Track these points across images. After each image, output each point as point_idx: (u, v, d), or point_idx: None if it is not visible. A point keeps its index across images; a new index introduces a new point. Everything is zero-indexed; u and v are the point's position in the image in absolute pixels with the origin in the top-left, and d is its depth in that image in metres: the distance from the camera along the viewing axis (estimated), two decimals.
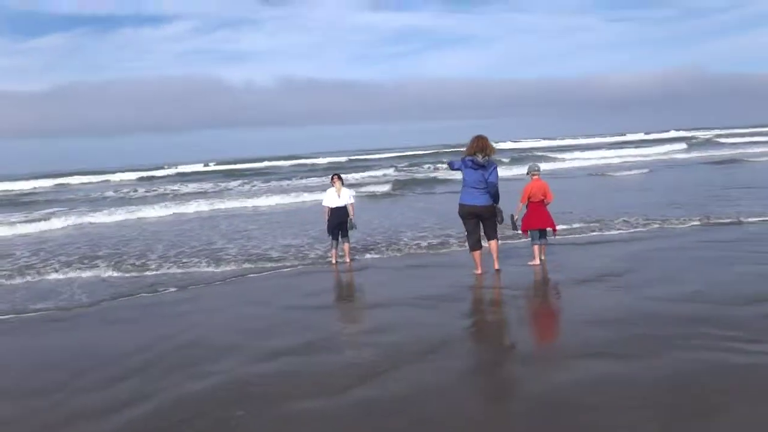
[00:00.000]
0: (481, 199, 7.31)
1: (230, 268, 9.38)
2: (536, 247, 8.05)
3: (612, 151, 39.31)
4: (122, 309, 7.40)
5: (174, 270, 9.44)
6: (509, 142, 65.77)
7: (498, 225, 7.66)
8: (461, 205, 7.46)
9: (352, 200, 9.24)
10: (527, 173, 8.27)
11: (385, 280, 8.15)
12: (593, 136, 79.46)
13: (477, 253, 7.60)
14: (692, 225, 10.33)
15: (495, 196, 7.45)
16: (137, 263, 10.03)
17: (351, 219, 9.03)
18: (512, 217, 8.09)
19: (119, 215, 17.81)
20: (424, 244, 10.27)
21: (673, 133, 66.16)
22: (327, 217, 9.12)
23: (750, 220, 10.43)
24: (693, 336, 4.90)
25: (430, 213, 14.79)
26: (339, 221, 9.03)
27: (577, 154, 38.56)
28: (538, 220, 8.01)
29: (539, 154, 41.19)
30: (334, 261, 9.10)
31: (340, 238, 9.16)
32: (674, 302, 5.94)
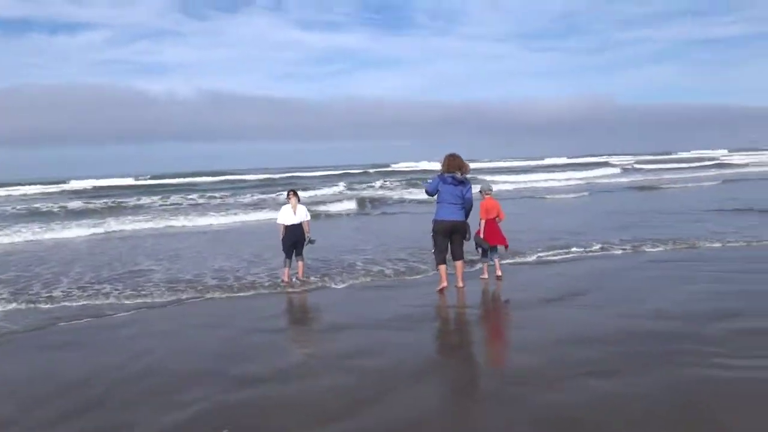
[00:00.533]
0: (458, 215, 7.47)
1: (167, 295, 8.39)
2: (485, 265, 8.43)
3: (544, 174, 40.59)
4: (58, 334, 6.65)
5: (93, 299, 8.21)
6: (437, 163, 67.13)
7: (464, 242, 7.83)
8: (440, 221, 7.49)
9: (308, 217, 9.04)
10: (480, 192, 8.49)
11: (344, 300, 7.85)
12: (516, 159, 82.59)
13: (444, 267, 7.64)
14: (633, 245, 10.76)
15: (467, 213, 7.65)
16: (53, 291, 8.80)
17: (308, 236, 8.89)
18: (477, 235, 8.26)
19: (24, 234, 15.75)
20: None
21: (591, 159, 70.28)
22: (282, 235, 8.90)
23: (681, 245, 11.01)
24: (675, 353, 4.99)
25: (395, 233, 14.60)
26: (294, 239, 8.80)
27: (511, 176, 39.07)
28: (493, 237, 8.31)
29: (471, 176, 42.02)
30: (286, 279, 8.76)
31: (294, 257, 8.90)
32: (644, 320, 6.08)
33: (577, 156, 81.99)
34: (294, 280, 8.78)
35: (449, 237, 7.54)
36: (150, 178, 50.89)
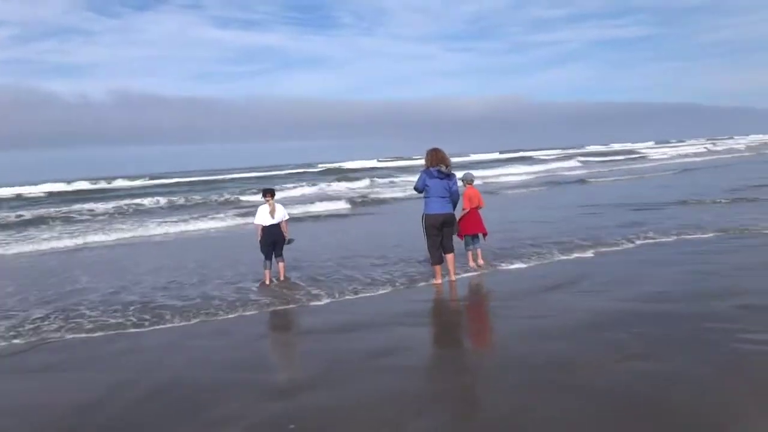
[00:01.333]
0: (447, 208, 7.58)
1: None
2: (470, 252, 8.58)
3: (490, 170, 38.93)
4: (41, 354, 5.98)
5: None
6: (374, 161, 67.20)
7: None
8: (432, 215, 7.51)
9: (287, 217, 8.84)
10: (462, 181, 8.58)
11: (340, 300, 7.50)
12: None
13: (439, 268, 7.78)
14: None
15: (455, 205, 7.78)
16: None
17: (287, 236, 8.74)
18: (458, 223, 8.21)
19: None
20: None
21: (519, 153, 72.55)
22: (259, 237, 8.55)
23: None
24: (701, 331, 5.17)
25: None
26: (272, 240, 8.55)
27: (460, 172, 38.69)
28: (474, 226, 8.50)
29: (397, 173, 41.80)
30: (267, 282, 8.44)
31: (273, 258, 8.63)
32: (652, 303, 6.24)
33: (505, 151, 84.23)
34: (275, 281, 8.49)
35: (441, 230, 7.59)
36: (66, 183, 46.77)
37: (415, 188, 7.77)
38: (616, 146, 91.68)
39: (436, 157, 7.55)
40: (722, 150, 58.08)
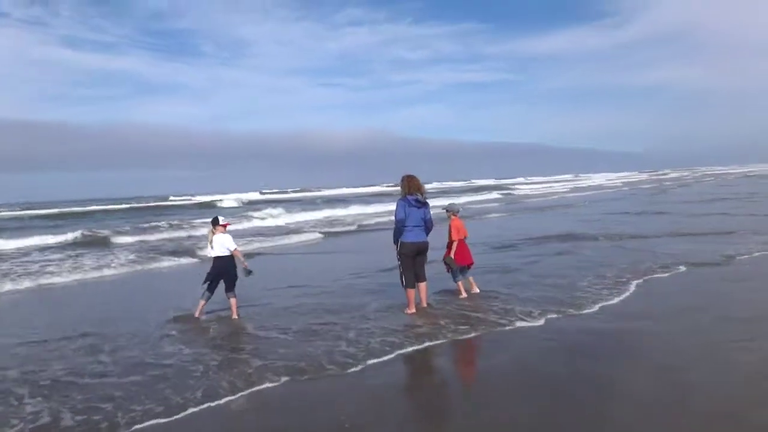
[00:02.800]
0: (423, 236, 7.43)
1: None
2: (461, 283, 8.06)
3: (372, 206, 32.54)
4: None
5: None
6: (241, 193, 64.77)
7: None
8: (409, 244, 7.32)
9: (233, 247, 7.65)
10: (448, 212, 8.29)
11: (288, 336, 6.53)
12: (310, 189, 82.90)
13: (413, 292, 7.43)
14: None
15: (428, 233, 7.57)
16: None
17: (245, 267, 7.65)
18: (448, 255, 8.04)
19: None
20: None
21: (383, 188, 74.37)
22: (210, 268, 7.71)
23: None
24: None
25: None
26: (217, 272, 7.59)
27: (326, 211, 30.10)
28: (466, 257, 8.15)
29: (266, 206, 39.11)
30: (197, 314, 7.56)
31: (225, 292, 7.58)
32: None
33: (369, 185, 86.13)
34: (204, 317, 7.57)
35: (415, 259, 7.41)
36: None
37: (398, 219, 7.33)
38: (483, 182, 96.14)
39: (413, 184, 7.36)
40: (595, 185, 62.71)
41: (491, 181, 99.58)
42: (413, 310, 7.30)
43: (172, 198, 64.16)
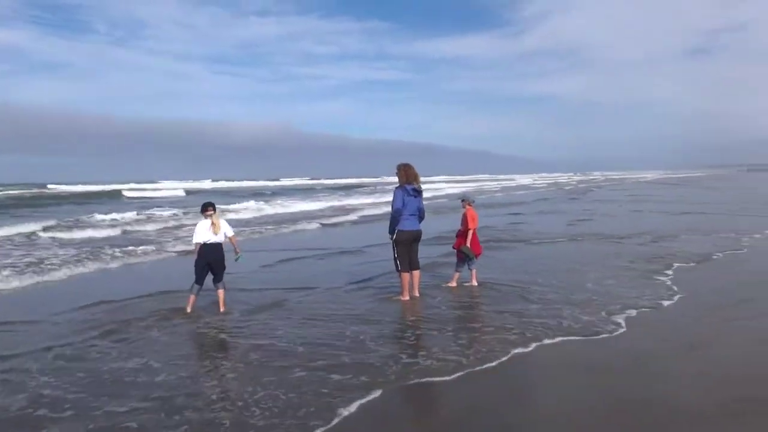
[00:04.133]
0: (418, 225, 7.52)
1: None
2: (458, 274, 8.05)
3: (314, 203, 30.30)
4: None
5: None
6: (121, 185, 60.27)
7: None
8: (406, 232, 7.36)
9: (231, 233, 7.25)
10: (463, 201, 8.12)
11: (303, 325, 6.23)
12: (201, 179, 78.54)
13: (408, 276, 7.40)
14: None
15: (421, 221, 7.65)
16: None
17: (239, 253, 7.33)
18: (465, 246, 7.92)
19: None
20: None
21: (300, 181, 72.91)
22: (196, 256, 7.06)
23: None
24: None
25: None
26: (212, 260, 7.01)
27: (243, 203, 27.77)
28: (477, 246, 8.08)
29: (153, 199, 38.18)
30: (189, 309, 6.92)
31: (214, 284, 7.04)
32: None
33: (273, 179, 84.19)
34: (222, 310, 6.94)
35: (410, 246, 7.45)
36: None
37: (395, 208, 7.26)
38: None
39: (411, 174, 7.40)
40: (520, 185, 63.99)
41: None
42: (407, 297, 7.31)
43: (50, 186, 58.46)
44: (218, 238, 7.01)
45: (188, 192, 49.74)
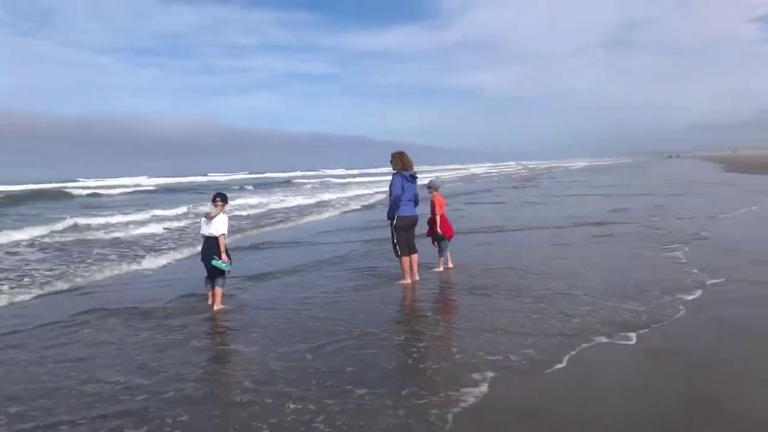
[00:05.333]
0: (415, 210, 7.76)
1: None
2: (443, 259, 8.40)
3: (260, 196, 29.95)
4: None
5: None
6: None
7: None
8: (405, 217, 7.60)
9: (219, 232, 6.66)
10: (430, 189, 8.46)
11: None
12: (132, 175, 73.83)
13: (408, 260, 7.65)
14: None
15: (415, 207, 7.91)
16: None
17: (219, 258, 6.63)
18: (438, 233, 8.35)
19: None
20: None
21: (242, 176, 70.45)
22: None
23: None
24: None
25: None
26: (203, 255, 6.78)
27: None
28: (448, 229, 8.48)
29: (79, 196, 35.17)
30: (210, 302, 6.78)
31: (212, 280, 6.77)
32: None
33: (200, 174, 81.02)
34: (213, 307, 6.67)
35: (408, 231, 7.69)
36: None
37: (395, 195, 7.46)
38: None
39: (406, 161, 7.64)
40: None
41: (341, 171, 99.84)
42: (408, 281, 7.58)
43: None
44: (208, 231, 6.68)
45: (141, 189, 46.16)
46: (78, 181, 61.76)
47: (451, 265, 8.34)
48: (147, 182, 58.87)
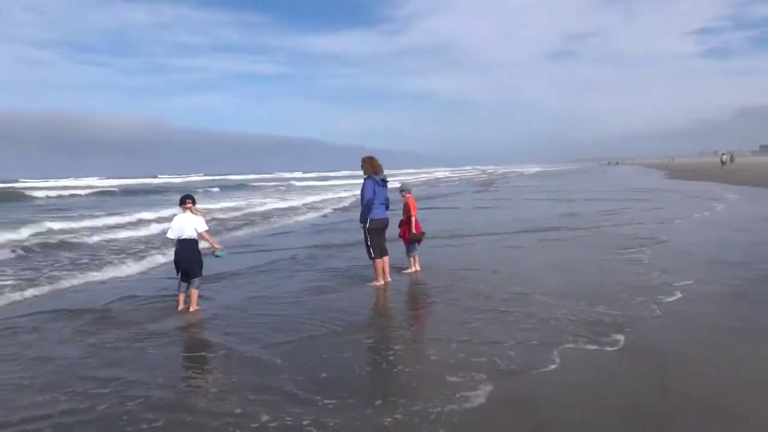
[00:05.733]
0: (386, 213, 7.95)
1: None
2: (417, 255, 8.68)
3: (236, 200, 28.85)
4: None
5: None
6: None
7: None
8: (378, 220, 7.79)
9: (201, 229, 6.86)
10: (402, 191, 8.77)
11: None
12: (76, 177, 71.11)
13: (381, 262, 7.82)
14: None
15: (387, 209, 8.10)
16: None
17: (215, 249, 7.13)
18: (414, 234, 8.53)
19: None
20: None
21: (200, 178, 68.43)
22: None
23: None
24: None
25: None
26: (182, 257, 6.84)
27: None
28: (419, 228, 8.72)
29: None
30: (181, 306, 6.82)
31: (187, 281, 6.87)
32: None
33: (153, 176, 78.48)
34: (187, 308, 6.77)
35: (380, 234, 7.88)
36: None
37: (368, 198, 7.67)
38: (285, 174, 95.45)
39: (376, 166, 7.82)
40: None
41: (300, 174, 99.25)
42: (381, 282, 7.75)
43: None
44: (186, 233, 6.75)
45: (103, 191, 43.93)
46: (20, 182, 58.91)
47: (418, 267, 8.54)
48: (101, 183, 56.80)
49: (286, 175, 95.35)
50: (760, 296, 6.38)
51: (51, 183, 54.46)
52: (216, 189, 44.46)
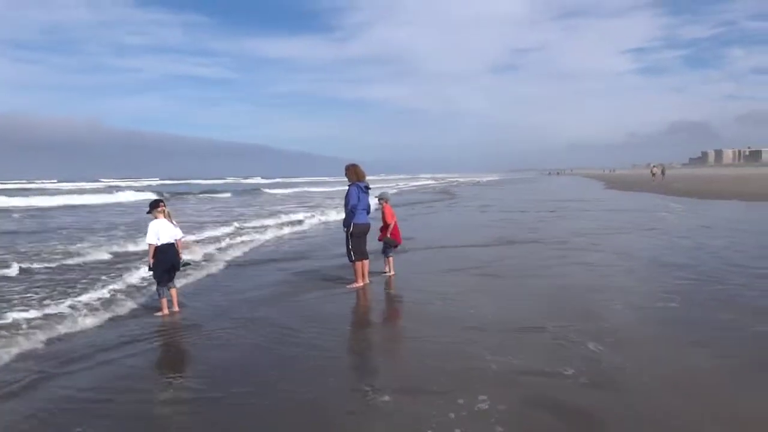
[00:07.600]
0: (368, 218, 8.33)
1: None
2: (391, 259, 9.15)
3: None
4: None
5: None
6: None
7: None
8: (361, 225, 8.16)
9: (180, 236, 7.21)
10: (380, 200, 9.06)
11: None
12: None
13: (361, 264, 8.17)
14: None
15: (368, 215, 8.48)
16: None
17: (183, 257, 7.28)
18: (387, 237, 8.96)
19: None
20: None
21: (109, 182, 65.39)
22: (152, 260, 6.96)
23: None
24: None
25: None
26: (170, 258, 6.95)
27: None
28: (398, 236, 9.25)
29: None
30: (166, 312, 6.98)
31: (167, 283, 7.06)
32: None
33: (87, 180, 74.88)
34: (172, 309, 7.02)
35: (362, 238, 8.21)
36: None
37: (352, 204, 8.00)
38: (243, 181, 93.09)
39: (359, 173, 8.16)
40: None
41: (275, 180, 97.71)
42: (360, 284, 8.10)
43: None
44: (172, 237, 6.96)
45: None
46: None
47: (393, 272, 8.95)
48: (50, 186, 53.55)
49: (250, 181, 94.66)
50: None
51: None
52: (190, 196, 37.17)
